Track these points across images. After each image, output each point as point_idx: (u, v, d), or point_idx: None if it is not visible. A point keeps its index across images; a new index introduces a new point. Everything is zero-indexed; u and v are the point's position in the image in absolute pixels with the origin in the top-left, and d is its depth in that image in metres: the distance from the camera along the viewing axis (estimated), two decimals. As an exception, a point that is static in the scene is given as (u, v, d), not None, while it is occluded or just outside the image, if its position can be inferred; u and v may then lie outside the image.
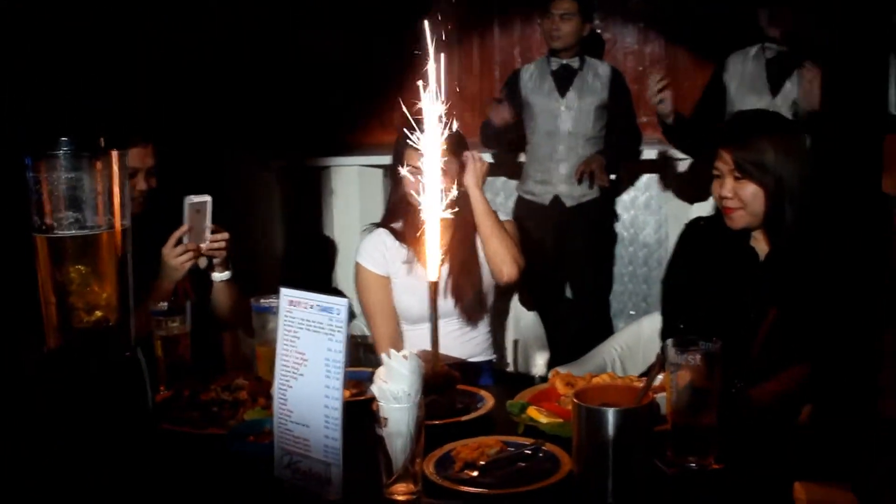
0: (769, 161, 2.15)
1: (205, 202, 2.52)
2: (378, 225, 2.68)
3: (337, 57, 5.03)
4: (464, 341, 2.63)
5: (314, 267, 4.84)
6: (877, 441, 1.41)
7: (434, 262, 1.97)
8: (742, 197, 2.20)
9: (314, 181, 4.84)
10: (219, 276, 2.62)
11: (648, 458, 1.56)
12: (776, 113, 2.49)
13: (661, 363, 1.63)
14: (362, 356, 2.81)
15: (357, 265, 2.64)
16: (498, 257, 2.55)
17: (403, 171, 2.32)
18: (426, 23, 1.93)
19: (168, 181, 2.72)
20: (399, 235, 2.60)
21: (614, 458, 1.50)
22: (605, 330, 4.19)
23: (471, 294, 2.58)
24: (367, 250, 2.62)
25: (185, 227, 2.50)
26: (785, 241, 2.20)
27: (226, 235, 2.56)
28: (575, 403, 1.53)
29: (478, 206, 2.54)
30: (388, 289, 2.58)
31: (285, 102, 4.89)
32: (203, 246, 2.54)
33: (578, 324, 4.04)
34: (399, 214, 2.61)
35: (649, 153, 4.44)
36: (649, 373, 1.60)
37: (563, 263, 4.11)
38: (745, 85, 3.53)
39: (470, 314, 2.59)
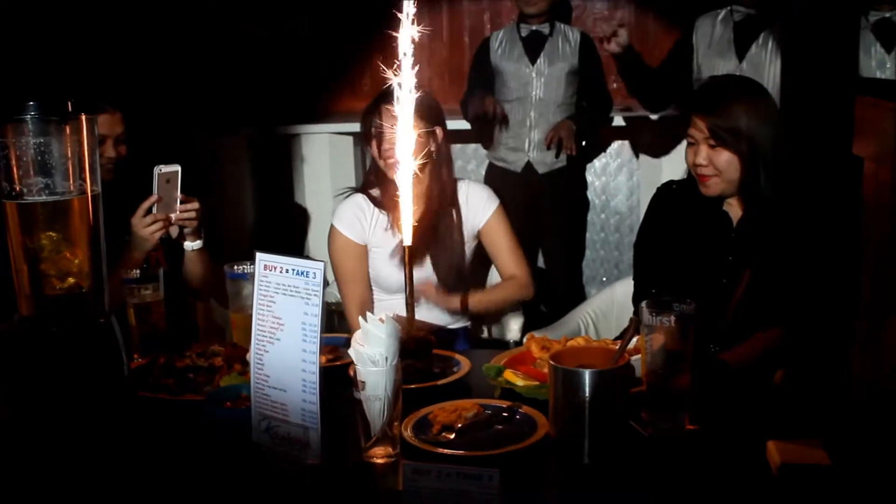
0: (743, 127, 2.15)
1: (175, 171, 2.50)
2: (356, 190, 2.66)
3: (306, 22, 4.99)
4: (440, 309, 2.64)
5: (285, 235, 4.82)
6: (848, 400, 1.43)
7: (408, 226, 1.97)
8: (717, 164, 2.20)
9: (284, 149, 4.81)
10: (190, 244, 2.60)
11: (624, 419, 1.58)
12: (747, 78, 2.49)
13: (635, 326, 1.64)
14: (336, 323, 2.81)
15: (332, 229, 2.62)
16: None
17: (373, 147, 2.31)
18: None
19: (137, 150, 2.69)
20: (377, 202, 2.59)
21: (590, 420, 1.52)
22: (577, 297, 4.22)
23: (449, 267, 2.59)
24: (343, 215, 2.61)
25: (154, 197, 2.48)
26: (759, 206, 2.21)
27: (196, 205, 2.55)
28: (551, 365, 1.55)
29: (477, 309, 2.60)
30: (362, 256, 2.58)
31: (254, 69, 4.84)
32: (173, 216, 2.52)
33: (552, 291, 4.07)
34: (377, 181, 2.60)
35: (620, 120, 4.45)
36: (624, 335, 1.62)
37: (535, 231, 4.13)
38: (713, 48, 3.53)
39: (447, 285, 2.61)
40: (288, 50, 4.95)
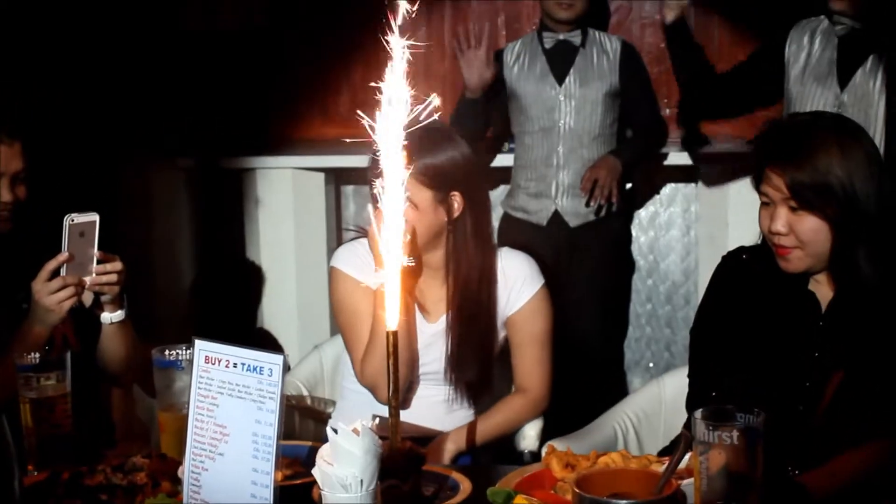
0: (835, 185, 2.13)
1: (91, 222, 2.53)
2: (360, 233, 2.75)
3: (261, 23, 5.06)
4: (451, 415, 2.72)
5: (234, 301, 4.86)
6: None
7: (393, 308, 2.01)
8: (799, 233, 2.18)
9: (234, 187, 4.87)
10: (109, 316, 2.63)
11: (671, 564, 1.61)
12: (841, 117, 2.50)
13: (687, 441, 1.67)
14: (297, 423, 2.84)
15: (333, 270, 2.72)
16: None
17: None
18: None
19: (40, 190, 2.73)
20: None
21: (627, 566, 1.55)
22: (616, 389, 4.24)
23: (476, 371, 2.69)
24: (344, 256, 2.71)
25: (63, 256, 2.50)
26: (856, 287, 2.21)
27: (118, 265, 2.57)
28: (575, 493, 1.57)
29: (483, 441, 2.67)
30: (370, 297, 2.63)
31: (196, 80, 4.91)
32: (87, 279, 2.55)
33: (583, 379, 4.08)
34: None
35: (676, 156, 4.52)
36: (672, 453, 1.65)
37: (563, 301, 4.16)
38: (811, 71, 3.55)
39: (470, 393, 2.70)
40: (242, 56, 5.01)
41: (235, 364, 1.61)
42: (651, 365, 4.88)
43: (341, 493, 1.56)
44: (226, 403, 1.61)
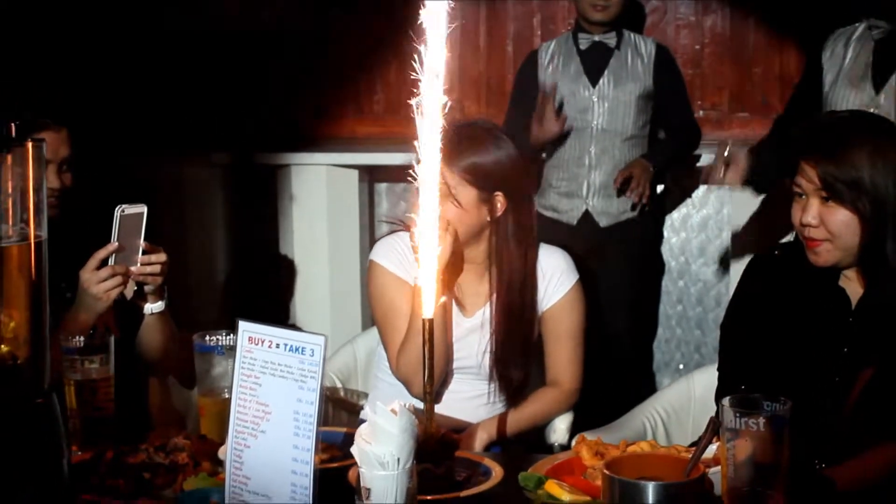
0: (867, 178, 2.18)
1: (140, 214, 2.60)
2: (403, 226, 2.80)
3: (298, 21, 5.13)
4: (484, 410, 2.78)
5: (267, 296, 4.92)
6: None
7: (430, 297, 2.07)
8: (830, 225, 2.23)
9: (269, 183, 4.94)
10: (150, 307, 2.70)
11: (698, 547, 1.66)
12: (875, 115, 2.55)
13: (714, 427, 1.72)
14: (331, 414, 2.90)
15: (372, 264, 2.79)
16: None
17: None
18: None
19: (85, 180, 2.81)
20: None
21: (654, 547, 1.60)
22: (645, 388, 4.27)
23: (518, 367, 2.75)
24: (383, 250, 2.78)
25: (113, 246, 2.57)
26: (887, 284, 2.25)
27: (162, 257, 2.64)
28: (606, 476, 1.63)
29: (514, 432, 2.74)
30: (408, 291, 2.70)
31: (231, 78, 4.98)
32: (133, 269, 2.62)
33: (612, 379, 4.12)
34: None
35: (708, 157, 4.55)
36: (700, 440, 1.70)
37: (593, 301, 4.20)
38: (844, 75, 3.60)
39: (510, 389, 2.77)
40: (276, 54, 5.09)
41: (278, 345, 1.68)
42: (681, 367, 4.91)
43: (379, 471, 1.62)
44: (268, 383, 1.68)
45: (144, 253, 2.62)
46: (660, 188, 4.55)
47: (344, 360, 3.13)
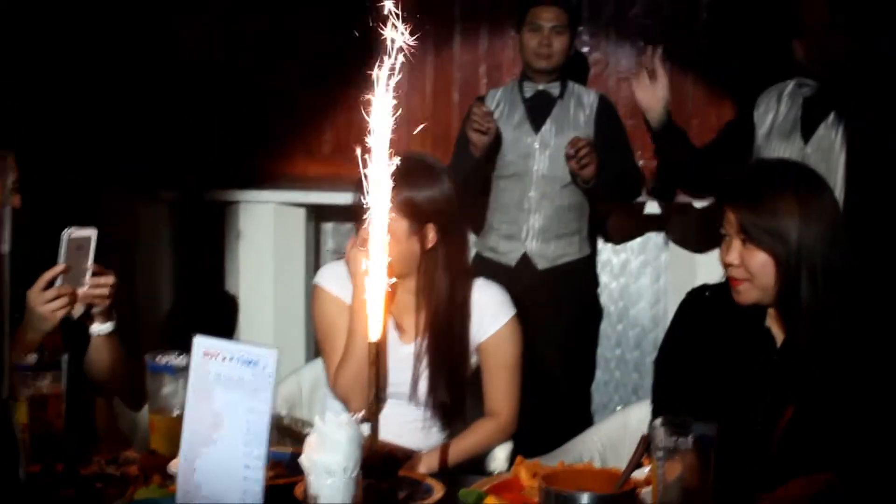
0: (783, 226, 2.30)
1: (88, 237, 2.65)
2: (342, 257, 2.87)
3: (251, 60, 5.20)
4: (423, 435, 2.84)
5: (212, 330, 4.94)
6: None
7: (376, 320, 2.16)
8: (749, 267, 2.35)
9: (216, 220, 4.99)
10: (98, 327, 2.75)
11: (628, 559, 1.75)
12: (798, 164, 2.68)
13: (645, 443, 1.81)
14: (276, 439, 2.95)
15: (315, 287, 2.88)
16: None
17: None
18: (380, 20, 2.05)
19: (33, 204, 2.85)
20: None
21: (587, 559, 1.68)
22: (583, 428, 4.34)
23: (448, 395, 2.81)
24: (326, 274, 2.88)
25: (60, 267, 2.62)
26: (802, 326, 2.35)
27: (111, 279, 2.69)
28: (542, 488, 1.71)
29: (454, 462, 2.78)
30: (347, 313, 2.79)
31: (179, 116, 5.03)
32: (81, 291, 2.67)
33: (550, 419, 4.19)
34: None
35: (651, 206, 4.68)
36: (632, 457, 1.79)
37: (532, 343, 4.27)
38: (777, 129, 3.75)
39: (443, 416, 2.83)
40: (227, 92, 5.14)
41: (232, 358, 1.75)
42: (619, 408, 4.98)
43: (326, 479, 1.70)
44: (221, 395, 1.75)
45: (94, 275, 2.67)
46: (599, 240, 4.70)
47: (289, 389, 3.18)
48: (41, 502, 2.03)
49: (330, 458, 1.70)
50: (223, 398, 1.75)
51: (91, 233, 2.67)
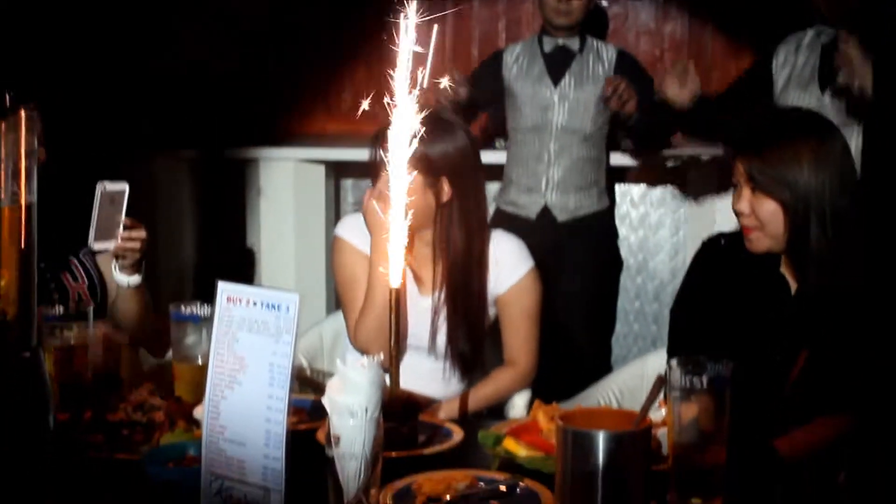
0: (791, 173, 2.33)
1: (122, 192, 2.71)
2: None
3: (270, 19, 5.23)
4: (443, 386, 2.88)
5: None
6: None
7: (397, 267, 2.20)
8: (759, 214, 2.38)
9: (236, 178, 5.04)
10: (126, 279, 2.81)
11: (646, 496, 1.78)
12: (810, 112, 2.69)
13: (661, 382, 1.84)
14: (298, 391, 3.00)
15: (336, 238, 2.93)
16: None
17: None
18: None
19: (56, 157, 2.90)
20: None
21: (604, 494, 1.71)
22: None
23: (468, 346, 2.84)
24: (347, 225, 2.91)
25: (94, 221, 2.68)
26: (812, 272, 2.38)
27: (142, 233, 2.76)
28: (559, 427, 1.74)
29: (474, 410, 2.83)
30: (367, 264, 2.82)
31: (202, 75, 5.07)
32: (113, 244, 2.73)
33: (570, 369, 4.23)
34: None
35: (663, 156, 4.70)
36: (648, 396, 1.82)
37: (552, 295, 4.31)
38: (794, 79, 3.76)
39: (463, 367, 2.86)
40: (246, 52, 5.19)
41: (255, 302, 1.78)
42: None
43: (348, 420, 1.73)
44: (245, 339, 1.77)
45: (126, 229, 2.72)
46: (618, 188, 4.71)
47: (311, 342, 3.23)
48: (70, 450, 2.08)
49: (352, 399, 1.73)
50: (247, 342, 1.77)
51: (124, 187, 2.73)
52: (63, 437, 2.11)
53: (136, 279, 2.82)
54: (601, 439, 1.70)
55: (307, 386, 3.09)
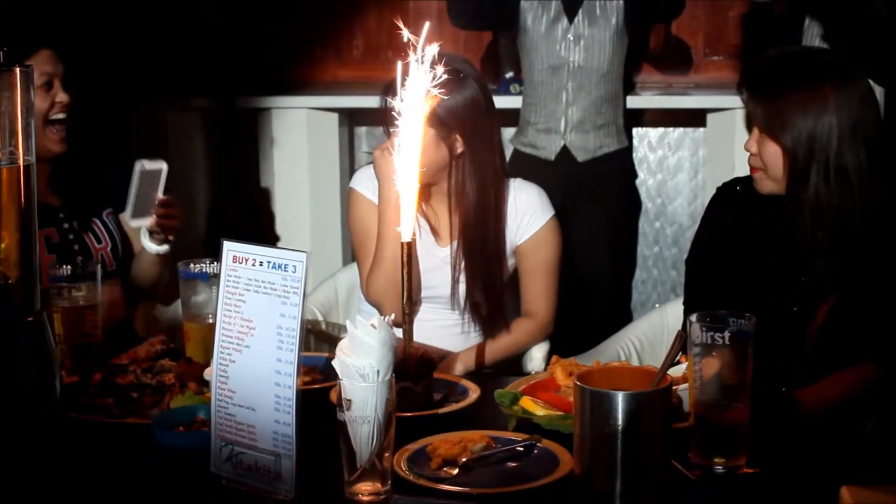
0: (795, 119, 2.27)
1: (159, 170, 2.69)
2: None
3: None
4: (461, 339, 2.84)
5: (248, 238, 4.96)
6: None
7: (408, 222, 2.15)
8: (763, 156, 2.35)
9: (249, 127, 4.99)
10: (155, 247, 2.80)
11: (666, 456, 1.73)
12: (825, 52, 2.63)
13: (681, 339, 1.78)
14: (313, 346, 2.97)
15: (351, 191, 2.89)
16: None
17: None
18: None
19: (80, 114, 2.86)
20: None
21: (623, 455, 1.67)
22: (621, 325, 4.35)
23: (485, 298, 2.79)
24: (362, 178, 2.87)
25: (131, 198, 2.66)
26: (803, 220, 2.32)
27: (178, 211, 2.78)
28: (577, 387, 1.70)
29: (491, 361, 2.79)
30: None
31: (212, 24, 5.01)
32: (148, 220, 2.73)
33: (589, 315, 4.20)
34: None
35: (682, 100, 4.62)
36: (668, 353, 1.77)
37: (571, 236, 4.26)
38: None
39: (481, 320, 2.81)
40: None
41: (262, 262, 1.73)
42: (657, 306, 4.97)
43: (360, 383, 1.68)
44: (252, 300, 1.73)
45: (163, 206, 2.72)
46: (635, 131, 4.64)
47: (325, 294, 3.19)
48: (79, 412, 2.04)
49: (362, 361, 1.68)
50: (254, 303, 1.73)
51: (161, 165, 2.72)
52: (72, 401, 2.08)
53: (164, 248, 2.83)
54: (620, 400, 1.65)
55: (322, 339, 3.06)
